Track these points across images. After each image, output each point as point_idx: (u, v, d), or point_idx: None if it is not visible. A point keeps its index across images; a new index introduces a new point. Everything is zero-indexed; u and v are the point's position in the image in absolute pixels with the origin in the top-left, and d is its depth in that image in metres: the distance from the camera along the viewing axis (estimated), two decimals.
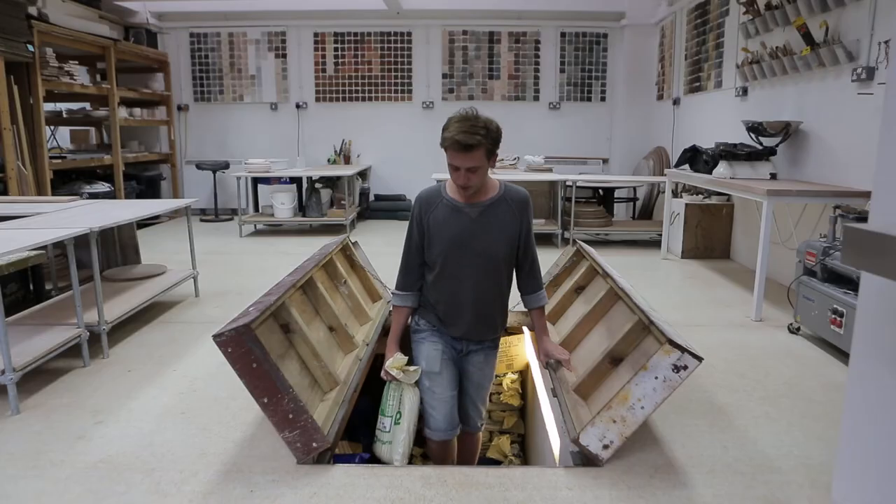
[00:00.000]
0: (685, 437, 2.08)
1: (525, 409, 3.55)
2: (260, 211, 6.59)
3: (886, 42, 3.15)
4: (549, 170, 6.59)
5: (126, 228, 3.96)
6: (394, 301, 2.18)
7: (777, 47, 4.12)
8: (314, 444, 1.82)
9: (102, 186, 5.79)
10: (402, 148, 7.52)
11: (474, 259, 2.04)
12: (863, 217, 2.93)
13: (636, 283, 2.72)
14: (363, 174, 7.46)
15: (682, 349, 1.74)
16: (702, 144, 4.61)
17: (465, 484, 1.77)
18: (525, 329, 3.24)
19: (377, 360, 3.47)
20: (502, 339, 3.29)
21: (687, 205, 5.00)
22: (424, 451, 3.51)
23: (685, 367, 1.75)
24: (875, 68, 3.24)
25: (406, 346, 2.20)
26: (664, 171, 5.69)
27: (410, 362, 2.14)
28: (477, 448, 2.45)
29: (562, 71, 7.49)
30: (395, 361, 2.09)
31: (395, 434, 2.09)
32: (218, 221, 7.14)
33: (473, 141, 1.84)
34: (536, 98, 7.53)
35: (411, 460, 3.45)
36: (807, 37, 3.72)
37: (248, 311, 1.92)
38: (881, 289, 1.30)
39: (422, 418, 2.17)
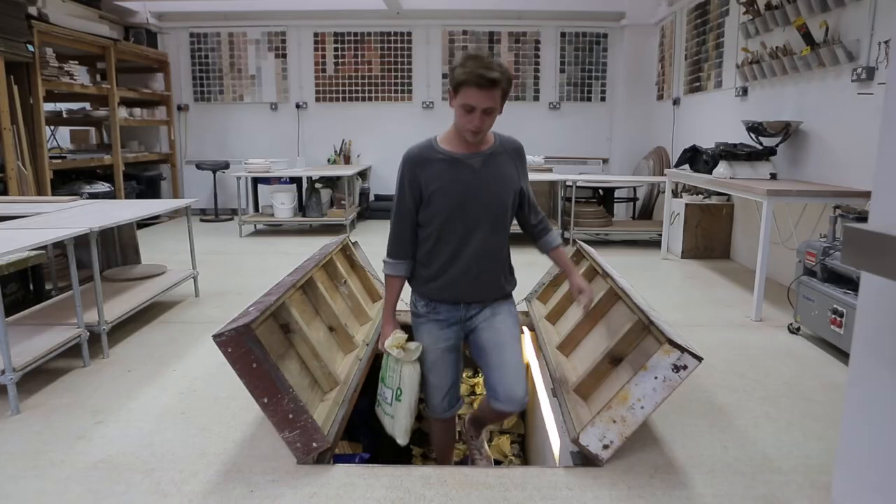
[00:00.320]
0: (685, 437, 2.08)
1: (525, 408, 3.55)
2: (260, 211, 6.59)
3: (886, 42, 3.15)
4: (549, 170, 6.59)
5: (126, 228, 3.96)
6: (386, 270, 2.02)
7: (777, 47, 4.12)
8: (314, 444, 1.82)
9: (102, 186, 5.79)
10: (403, 148, 7.31)
11: (481, 213, 1.91)
12: (863, 217, 2.93)
13: (636, 283, 2.72)
14: (363, 174, 7.46)
15: (682, 349, 1.74)
16: (702, 144, 4.61)
17: (465, 484, 1.77)
18: (525, 329, 3.24)
19: (377, 360, 3.47)
20: None
21: (687, 205, 5.00)
22: (424, 451, 3.51)
23: (685, 367, 1.75)
24: (875, 68, 3.24)
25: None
26: (664, 171, 5.69)
27: (411, 338, 2.05)
28: (503, 418, 2.32)
29: (562, 71, 7.49)
30: (394, 340, 1.99)
31: (396, 410, 2.04)
32: (218, 221, 7.14)
33: (495, 76, 1.73)
34: (536, 98, 7.53)
35: (411, 460, 3.46)
36: (807, 37, 3.72)
37: (248, 311, 1.92)
38: (881, 289, 1.30)
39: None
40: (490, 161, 1.93)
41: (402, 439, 2.06)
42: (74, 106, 6.48)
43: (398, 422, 2.04)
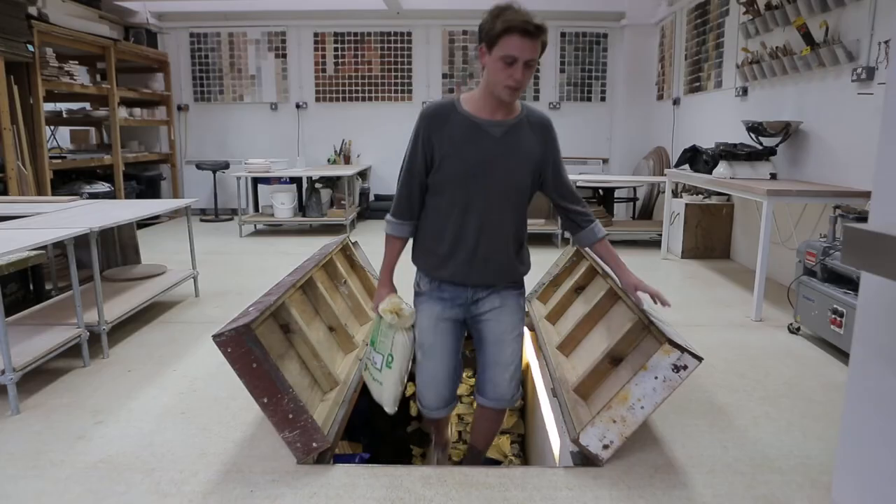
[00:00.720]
0: (685, 437, 2.08)
1: (525, 408, 3.55)
2: (260, 211, 6.59)
3: (886, 42, 3.15)
4: None
5: (126, 228, 3.96)
6: (388, 229, 1.88)
7: (777, 47, 4.12)
8: (314, 444, 1.82)
9: (102, 186, 5.79)
10: (403, 148, 7.35)
11: (496, 187, 1.76)
12: (863, 217, 2.93)
13: None
14: (363, 174, 7.46)
15: (682, 349, 1.74)
16: (702, 144, 4.61)
17: (465, 484, 1.77)
18: (525, 329, 3.24)
19: None
20: None
21: (687, 205, 5.00)
22: (424, 450, 3.51)
23: (685, 367, 1.75)
24: (875, 68, 3.24)
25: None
26: (664, 171, 5.68)
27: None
28: (496, 427, 2.09)
29: (562, 71, 7.49)
30: (389, 304, 1.87)
31: (385, 377, 1.92)
32: (218, 221, 7.14)
33: (540, 23, 1.59)
34: (536, 98, 7.53)
35: (411, 460, 3.46)
36: (807, 37, 3.72)
37: (248, 311, 1.92)
38: (881, 289, 1.30)
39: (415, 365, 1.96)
40: (513, 132, 1.77)
41: (389, 408, 1.93)
42: (74, 106, 6.48)
43: (387, 389, 1.92)
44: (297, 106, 7.56)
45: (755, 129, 4.02)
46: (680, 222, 5.06)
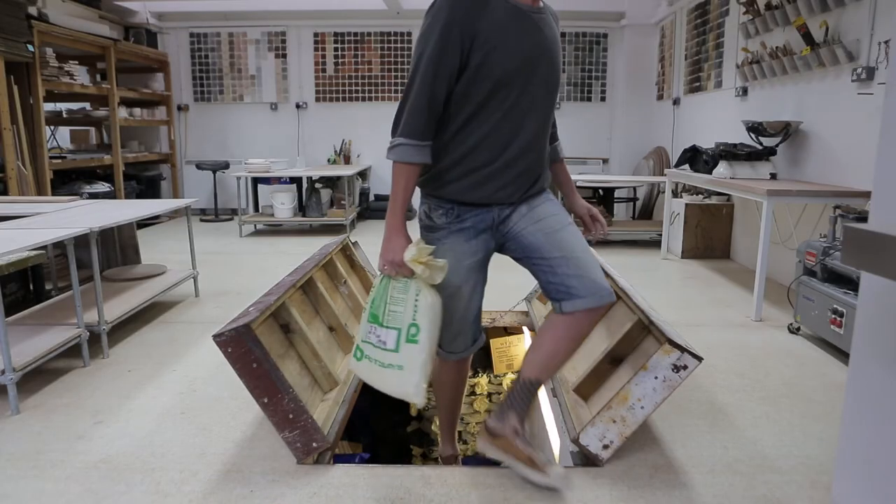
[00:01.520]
0: (685, 437, 2.08)
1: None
2: (260, 211, 6.59)
3: (886, 42, 3.15)
4: None
5: (126, 228, 3.96)
6: (401, 156, 1.50)
7: (777, 47, 4.12)
8: (314, 444, 1.82)
9: (102, 186, 5.79)
10: None
11: (542, 85, 1.54)
12: (863, 217, 2.93)
13: (636, 283, 2.72)
14: (363, 174, 7.46)
15: (682, 349, 1.74)
16: (702, 144, 4.61)
17: (465, 484, 1.77)
18: (525, 329, 3.24)
19: None
20: (502, 340, 3.30)
21: (687, 205, 5.00)
22: (424, 451, 3.51)
23: (685, 367, 1.75)
24: (875, 68, 3.24)
25: None
26: (664, 171, 5.69)
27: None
28: (578, 343, 1.68)
29: (562, 71, 7.48)
30: (418, 252, 1.51)
31: (408, 356, 1.52)
32: (218, 221, 7.14)
33: None
34: None
35: (411, 460, 3.46)
36: (807, 37, 3.73)
37: (248, 311, 1.92)
38: (881, 289, 1.30)
39: None
40: (546, 22, 1.56)
41: (419, 398, 1.53)
42: (74, 106, 6.48)
43: (411, 373, 1.51)
44: (297, 106, 7.56)
45: (755, 129, 4.02)
46: (680, 222, 5.06)
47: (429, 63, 1.45)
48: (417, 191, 1.64)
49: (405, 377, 1.53)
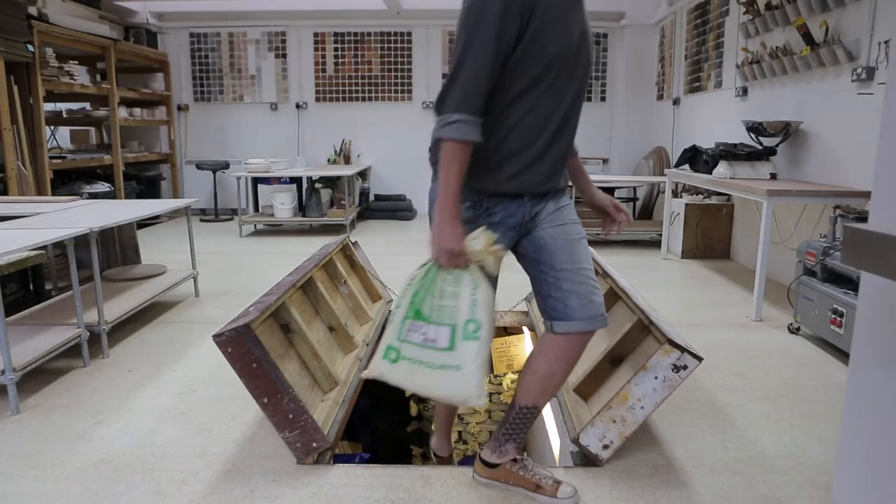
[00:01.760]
0: (685, 437, 2.08)
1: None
2: (260, 211, 6.59)
3: (886, 42, 3.15)
4: None
5: (126, 228, 3.96)
6: (462, 133, 1.36)
7: (777, 47, 4.12)
8: (314, 444, 1.82)
9: (102, 186, 5.79)
10: (402, 148, 7.52)
11: (580, 73, 1.47)
12: (863, 217, 2.93)
13: (636, 283, 2.72)
14: (363, 174, 7.47)
15: (682, 349, 1.74)
16: (702, 144, 4.61)
17: (465, 484, 1.77)
18: (525, 329, 3.24)
19: None
20: (502, 340, 3.30)
21: (687, 205, 5.00)
22: (424, 450, 3.51)
23: (685, 367, 1.75)
24: (875, 68, 3.24)
25: None
26: (664, 171, 5.68)
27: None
28: (572, 366, 1.63)
29: None
30: (485, 239, 1.40)
31: (466, 355, 1.40)
32: (218, 221, 7.14)
33: None
34: None
35: (411, 460, 3.46)
36: (807, 37, 3.73)
37: (248, 311, 1.92)
38: (881, 289, 1.30)
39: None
40: (585, 9, 1.48)
41: (482, 400, 1.42)
42: (74, 106, 6.48)
43: (472, 374, 1.39)
44: (297, 106, 7.56)
45: (755, 129, 4.02)
46: (680, 222, 5.06)
47: (488, 31, 1.32)
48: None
49: (465, 378, 1.40)
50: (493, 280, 1.56)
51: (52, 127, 6.21)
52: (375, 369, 1.50)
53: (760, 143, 4.08)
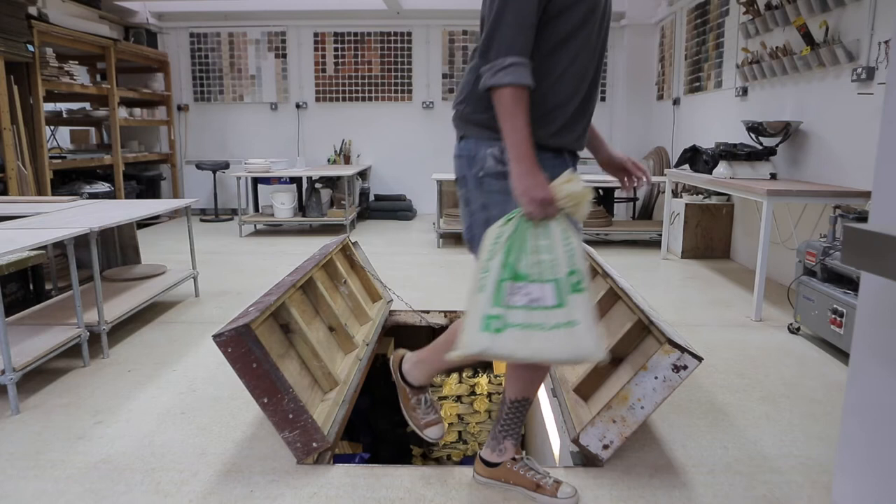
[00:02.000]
0: (685, 437, 2.08)
1: None
2: (260, 211, 6.59)
3: (886, 42, 3.15)
4: None
5: (126, 228, 3.96)
6: (519, 76, 1.31)
7: (777, 47, 4.12)
8: (314, 444, 1.82)
9: (102, 186, 5.79)
10: (402, 148, 7.53)
11: (603, 31, 1.46)
12: (863, 217, 2.93)
13: (636, 283, 2.72)
14: (363, 174, 7.47)
15: (682, 349, 1.74)
16: (702, 144, 4.61)
17: (465, 484, 1.77)
18: None
19: (377, 360, 3.48)
20: None
21: (687, 205, 5.00)
22: (424, 450, 3.51)
23: (685, 367, 1.75)
24: (875, 68, 3.24)
25: None
26: (664, 171, 5.68)
27: None
28: None
29: None
30: (576, 179, 1.34)
31: (578, 309, 1.31)
32: (218, 221, 7.14)
33: None
34: None
35: (411, 460, 3.46)
36: (807, 37, 3.73)
37: (248, 311, 1.92)
38: (881, 289, 1.30)
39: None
40: None
41: (602, 353, 1.36)
42: (74, 106, 6.48)
43: (587, 328, 1.31)
44: (297, 106, 7.56)
45: (755, 129, 4.02)
46: (680, 222, 5.06)
47: None
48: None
49: (581, 334, 1.30)
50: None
51: (52, 127, 6.21)
52: (475, 344, 1.33)
53: (760, 143, 4.08)
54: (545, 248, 1.32)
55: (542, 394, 3.01)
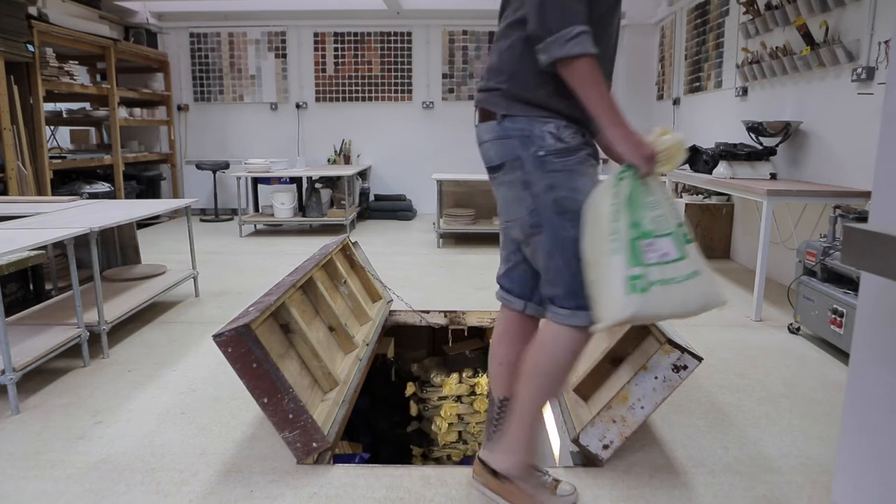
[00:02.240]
0: (685, 437, 2.08)
1: None
2: (260, 211, 6.59)
3: (886, 42, 3.15)
4: None
5: (126, 228, 3.96)
6: (587, 46, 1.28)
7: (777, 47, 4.12)
8: (314, 444, 1.82)
9: (102, 186, 5.79)
10: (402, 148, 7.53)
11: (618, 19, 1.46)
12: (863, 217, 2.93)
13: None
14: (363, 174, 7.47)
15: (682, 349, 1.75)
16: (702, 144, 4.61)
17: (465, 484, 1.77)
18: None
19: (377, 361, 3.48)
20: None
21: (687, 205, 5.00)
22: (424, 450, 3.51)
23: (685, 367, 1.75)
24: (875, 68, 3.24)
25: None
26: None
27: None
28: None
29: None
30: (670, 130, 1.37)
31: (697, 256, 1.35)
32: (218, 221, 7.14)
33: None
34: None
35: (411, 460, 3.46)
36: (807, 37, 3.73)
37: (248, 311, 1.92)
38: (881, 289, 1.30)
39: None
40: None
41: (723, 296, 1.38)
42: (74, 106, 6.48)
43: (708, 274, 1.35)
44: (297, 106, 7.56)
45: (755, 129, 4.02)
46: None
47: None
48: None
49: (706, 282, 1.33)
50: None
51: (52, 127, 6.21)
52: (624, 309, 1.29)
53: (760, 143, 4.08)
54: (653, 203, 1.33)
55: None
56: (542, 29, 1.29)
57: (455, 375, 3.40)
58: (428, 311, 3.31)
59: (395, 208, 7.25)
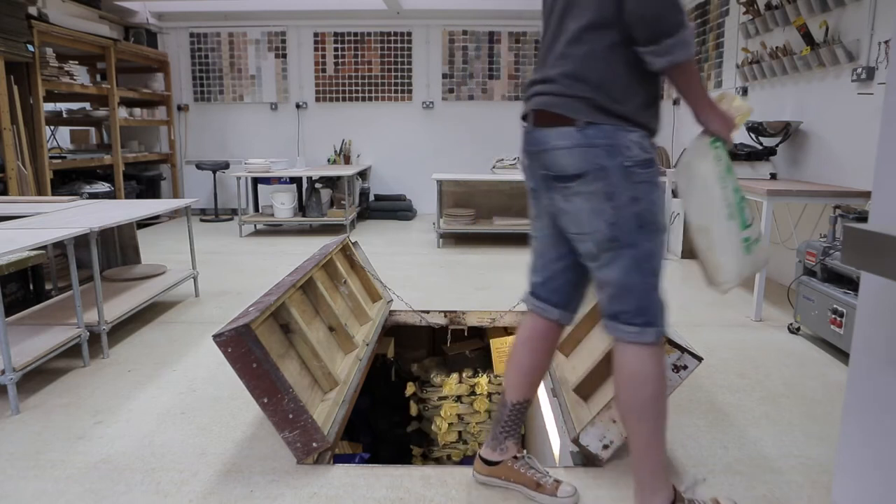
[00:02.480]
0: (685, 437, 2.08)
1: None
2: (260, 211, 6.59)
3: (886, 42, 3.15)
4: None
5: (126, 228, 3.96)
6: (687, 51, 1.31)
7: (777, 47, 4.12)
8: (314, 444, 1.82)
9: (102, 186, 5.79)
10: (402, 148, 7.53)
11: None
12: (863, 217, 2.93)
13: None
14: (363, 174, 7.47)
15: (682, 349, 1.74)
16: None
17: (465, 484, 1.77)
18: None
19: (377, 361, 3.48)
20: (502, 340, 3.30)
21: None
22: (424, 450, 3.51)
23: (685, 367, 1.75)
24: (875, 68, 3.24)
25: None
26: (664, 171, 5.68)
27: None
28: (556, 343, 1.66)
29: None
30: (738, 97, 1.47)
31: (756, 224, 1.47)
32: (218, 221, 7.14)
33: None
34: None
35: (411, 460, 3.46)
36: (807, 37, 3.73)
37: (248, 311, 1.92)
38: (881, 289, 1.30)
39: None
40: None
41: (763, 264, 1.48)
42: (74, 106, 6.48)
43: (765, 240, 1.51)
44: (297, 106, 7.57)
45: (755, 129, 4.02)
46: (680, 222, 5.06)
47: None
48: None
49: (765, 245, 1.49)
50: None
51: (52, 127, 6.21)
52: (743, 269, 1.42)
53: (760, 143, 4.08)
54: (722, 184, 1.43)
55: (542, 394, 3.01)
56: (652, 29, 1.28)
57: (455, 375, 3.40)
58: (428, 311, 3.31)
59: (395, 208, 7.25)
